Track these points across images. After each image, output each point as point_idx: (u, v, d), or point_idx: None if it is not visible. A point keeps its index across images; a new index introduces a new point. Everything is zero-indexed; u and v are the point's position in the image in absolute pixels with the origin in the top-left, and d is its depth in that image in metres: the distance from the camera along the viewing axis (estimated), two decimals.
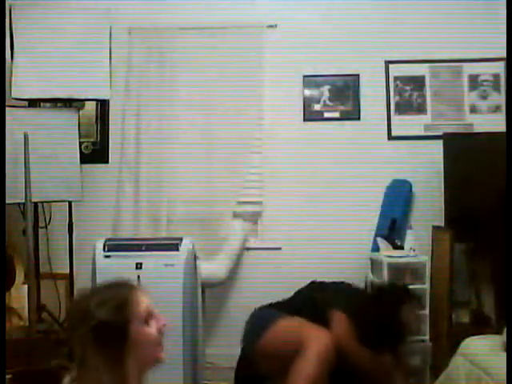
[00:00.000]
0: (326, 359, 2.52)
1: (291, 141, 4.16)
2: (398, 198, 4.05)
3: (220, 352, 3.86)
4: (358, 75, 4.18)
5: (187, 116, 4.13)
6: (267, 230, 4.17)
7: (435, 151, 3.85)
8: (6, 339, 2.66)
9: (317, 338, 2.53)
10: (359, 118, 4.17)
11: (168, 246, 3.29)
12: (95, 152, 4.23)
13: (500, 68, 4.10)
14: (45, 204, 3.91)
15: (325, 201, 4.08)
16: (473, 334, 2.95)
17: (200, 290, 3.38)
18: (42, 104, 3.90)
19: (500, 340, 2.68)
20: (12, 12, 3.67)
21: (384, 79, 4.17)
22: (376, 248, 3.89)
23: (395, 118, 4.16)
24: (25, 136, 3.40)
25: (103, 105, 4.21)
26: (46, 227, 3.98)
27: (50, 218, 4.00)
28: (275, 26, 4.15)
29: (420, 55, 4.14)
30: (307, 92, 4.21)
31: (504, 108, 4.07)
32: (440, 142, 3.82)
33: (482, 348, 2.72)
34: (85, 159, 3.94)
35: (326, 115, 4.20)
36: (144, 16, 4.19)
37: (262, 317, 2.85)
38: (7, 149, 3.35)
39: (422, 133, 4.13)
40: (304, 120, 4.20)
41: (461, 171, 3.70)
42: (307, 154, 4.15)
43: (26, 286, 3.50)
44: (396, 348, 2.79)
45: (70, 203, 3.83)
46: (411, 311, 2.89)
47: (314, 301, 2.85)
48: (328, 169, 4.12)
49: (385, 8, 4.13)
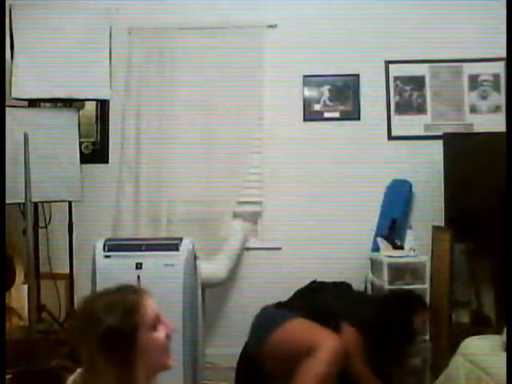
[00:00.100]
0: (336, 362, 2.51)
1: (291, 141, 4.16)
2: (398, 198, 4.05)
3: (220, 352, 3.86)
4: (358, 75, 4.18)
5: (187, 116, 4.13)
6: (267, 230, 4.17)
7: (435, 151, 3.85)
8: (6, 339, 2.66)
9: (328, 341, 2.53)
10: (359, 118, 4.17)
11: (168, 246, 3.29)
12: (95, 152, 4.23)
13: (500, 68, 4.10)
14: (45, 204, 3.91)
15: (325, 201, 4.08)
16: (473, 334, 2.95)
17: (200, 290, 3.38)
18: (42, 104, 3.90)
19: (500, 340, 2.68)
20: (12, 12, 3.67)
21: (384, 79, 4.17)
22: (376, 248, 3.89)
23: (395, 118, 4.16)
24: (25, 136, 3.40)
25: (103, 105, 4.21)
26: (46, 227, 3.99)
27: (50, 218, 4.01)
28: (275, 26, 4.16)
29: (420, 55, 4.14)
30: (307, 92, 4.21)
31: (504, 108, 4.07)
32: (440, 142, 3.82)
33: (482, 348, 2.72)
34: (85, 159, 3.94)
35: (326, 115, 4.20)
36: (144, 16, 4.19)
37: (273, 316, 2.82)
38: (7, 149, 3.35)
39: (422, 133, 4.13)
40: (304, 120, 4.20)
41: (461, 171, 3.70)
42: (307, 154, 4.15)
43: (26, 286, 3.50)
44: (404, 355, 2.79)
45: (70, 203, 3.83)
46: (422, 318, 2.89)
47: (328, 309, 2.82)
48: (328, 169, 4.12)
49: (385, 8, 4.13)
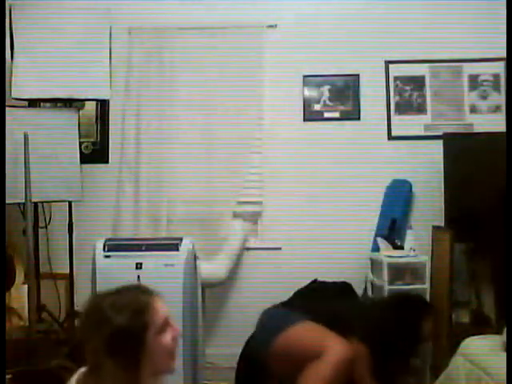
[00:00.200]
0: (343, 367, 2.49)
1: (291, 141, 4.16)
2: (398, 198, 4.05)
3: (220, 352, 3.86)
4: (358, 75, 4.18)
5: (187, 116, 4.13)
6: (267, 230, 4.17)
7: (435, 151, 3.85)
8: (6, 339, 2.66)
9: (336, 346, 2.51)
10: (359, 118, 4.17)
11: (168, 246, 3.29)
12: (95, 152, 4.23)
13: (500, 68, 4.10)
14: (45, 204, 3.91)
15: (325, 201, 4.08)
16: (473, 334, 2.95)
17: (200, 290, 3.38)
18: (42, 104, 3.89)
19: (500, 340, 2.68)
20: (12, 12, 3.66)
21: (384, 79, 4.17)
22: (376, 248, 3.89)
23: (395, 118, 4.16)
24: (25, 136, 3.40)
25: (103, 105, 4.21)
26: (46, 227, 3.98)
27: (50, 218, 4.00)
28: (275, 26, 4.15)
29: (420, 55, 4.14)
30: (307, 92, 4.21)
31: (504, 108, 4.07)
32: (440, 142, 3.82)
33: (482, 348, 2.72)
34: (85, 159, 3.94)
35: (326, 115, 4.20)
36: (144, 16, 4.19)
37: (280, 318, 2.78)
38: (7, 149, 3.35)
39: (422, 133, 4.13)
40: (304, 120, 4.20)
41: (461, 171, 3.70)
42: (307, 154, 4.15)
43: (26, 286, 3.49)
44: (411, 362, 2.78)
45: (70, 203, 3.83)
46: (430, 324, 2.88)
47: (335, 314, 2.78)
48: (328, 169, 4.12)
49: (385, 8, 4.13)
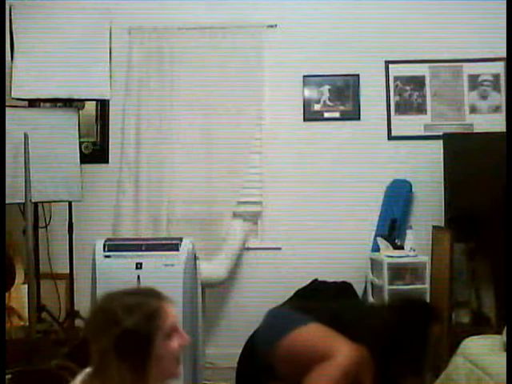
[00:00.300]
0: (350, 371, 2.48)
1: (291, 141, 4.16)
2: (398, 198, 4.05)
3: (220, 352, 3.86)
4: (358, 75, 4.17)
5: (187, 116, 4.13)
6: (267, 230, 4.17)
7: (435, 151, 3.85)
8: (6, 339, 2.66)
9: (344, 349, 2.49)
10: (359, 118, 4.17)
11: (168, 246, 3.29)
12: (95, 152, 4.22)
13: (500, 68, 4.10)
14: (45, 204, 3.91)
15: (325, 201, 4.08)
16: (473, 334, 2.95)
17: (200, 290, 3.38)
18: (42, 104, 3.89)
19: (500, 340, 2.68)
20: (12, 12, 3.66)
21: (384, 79, 4.17)
22: (376, 248, 3.89)
23: (395, 118, 4.16)
24: (25, 136, 3.40)
25: (103, 105, 4.21)
26: (46, 227, 3.99)
27: (50, 218, 4.01)
28: (275, 26, 4.15)
29: (420, 55, 4.14)
30: (307, 92, 4.21)
31: (504, 108, 4.07)
32: (440, 142, 3.82)
33: (482, 348, 2.72)
34: (85, 159, 3.93)
35: (326, 115, 4.20)
36: (144, 16, 4.19)
37: (287, 318, 2.75)
38: (7, 149, 3.35)
39: (422, 133, 4.12)
40: (304, 120, 4.20)
41: (461, 171, 3.70)
42: (307, 154, 4.15)
43: (26, 286, 3.49)
44: (418, 369, 2.77)
45: (70, 203, 3.83)
46: (436, 329, 2.87)
47: (342, 318, 2.75)
48: (328, 169, 4.12)
49: (385, 8, 4.13)
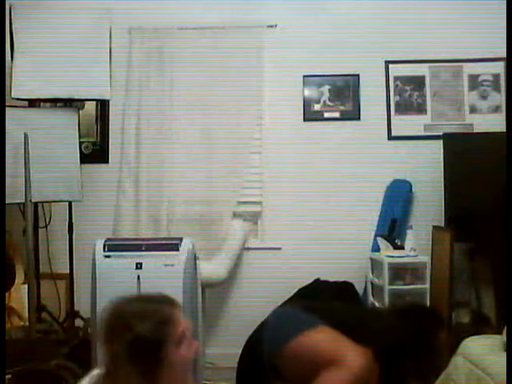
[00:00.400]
0: (362, 377, 2.46)
1: (291, 141, 4.16)
2: (398, 198, 4.05)
3: (220, 352, 3.85)
4: (358, 75, 4.17)
5: (187, 116, 4.13)
6: (267, 230, 4.17)
7: (435, 151, 3.86)
8: (6, 339, 2.66)
9: (356, 355, 2.47)
10: (359, 118, 4.17)
11: (168, 246, 3.29)
12: (95, 152, 4.22)
13: (500, 68, 4.10)
14: (45, 204, 3.91)
15: (325, 201, 4.08)
16: (473, 334, 2.95)
17: (200, 290, 3.38)
18: (42, 104, 3.89)
19: (500, 340, 2.68)
20: (12, 12, 3.66)
21: (384, 79, 4.17)
22: (376, 248, 3.89)
23: (395, 118, 4.16)
24: (25, 136, 3.40)
25: (103, 105, 4.20)
26: (46, 227, 3.99)
27: (50, 218, 4.01)
28: (275, 26, 4.15)
29: (420, 55, 4.13)
30: (307, 92, 4.21)
31: (504, 108, 4.07)
32: (440, 142, 3.82)
33: (482, 348, 2.72)
34: (85, 159, 3.93)
35: (326, 115, 4.20)
36: (144, 16, 4.19)
37: (298, 319, 2.70)
38: (7, 149, 3.35)
39: (422, 133, 4.12)
40: (304, 120, 4.20)
41: (461, 171, 3.70)
42: (307, 154, 4.15)
43: (26, 286, 3.49)
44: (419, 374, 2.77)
45: (70, 203, 3.83)
46: (442, 338, 2.86)
47: (348, 323, 2.73)
48: (328, 169, 4.12)
49: (385, 8, 4.13)
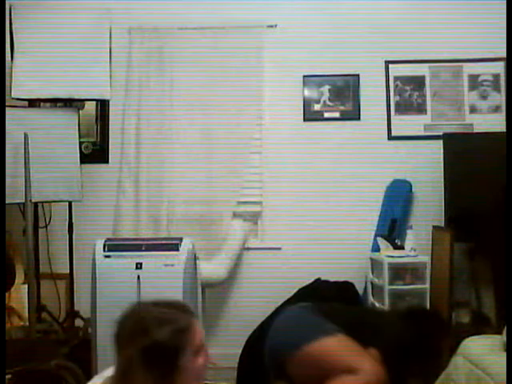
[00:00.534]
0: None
1: (291, 141, 4.16)
2: (398, 198, 4.05)
3: (220, 352, 3.83)
4: (358, 75, 4.17)
5: (187, 116, 4.13)
6: (267, 230, 4.17)
7: (435, 151, 3.86)
8: (6, 339, 2.66)
9: (370, 366, 2.43)
10: (359, 118, 4.17)
11: (168, 246, 3.29)
12: (95, 152, 4.22)
13: (500, 68, 4.10)
14: (45, 204, 3.91)
15: (325, 201, 4.08)
16: (473, 334, 2.95)
17: (200, 290, 3.38)
18: (42, 104, 3.89)
19: (500, 340, 2.68)
20: (12, 12, 3.66)
21: (384, 79, 4.17)
22: (376, 248, 3.89)
23: (395, 118, 4.16)
24: (25, 136, 3.40)
25: (103, 105, 4.20)
26: (46, 227, 3.99)
27: (50, 218, 4.01)
28: (275, 26, 4.15)
29: (420, 55, 4.13)
30: (307, 92, 4.21)
31: (504, 108, 4.07)
32: (440, 142, 3.82)
33: (482, 348, 2.71)
34: (85, 159, 3.93)
35: (326, 115, 4.20)
36: (144, 16, 4.19)
37: (312, 324, 2.64)
38: (7, 149, 3.35)
39: (422, 133, 4.12)
40: (304, 120, 4.20)
41: (461, 171, 3.70)
42: (307, 154, 4.14)
43: (26, 286, 3.49)
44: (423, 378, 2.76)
45: (70, 203, 3.83)
46: (447, 343, 2.85)
47: (359, 327, 2.69)
48: (328, 169, 4.12)
49: (384, 8, 4.13)
